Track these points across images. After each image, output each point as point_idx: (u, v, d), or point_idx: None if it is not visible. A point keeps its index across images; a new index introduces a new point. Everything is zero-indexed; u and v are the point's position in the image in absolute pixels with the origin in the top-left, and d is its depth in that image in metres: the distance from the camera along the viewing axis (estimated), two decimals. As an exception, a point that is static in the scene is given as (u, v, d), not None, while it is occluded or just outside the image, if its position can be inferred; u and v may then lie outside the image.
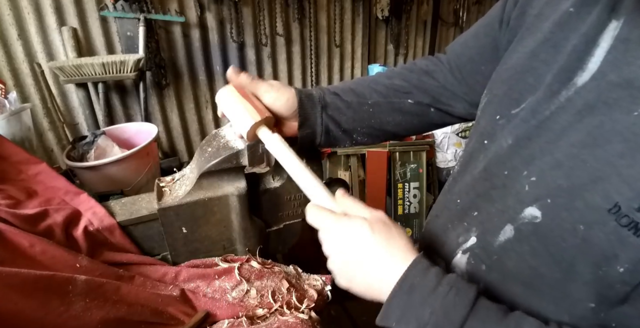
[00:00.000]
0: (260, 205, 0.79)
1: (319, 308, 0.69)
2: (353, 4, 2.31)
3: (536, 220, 0.37)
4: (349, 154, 2.41)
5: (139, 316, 0.57)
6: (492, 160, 0.45)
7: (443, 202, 0.56)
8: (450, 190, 0.55)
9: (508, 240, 0.41)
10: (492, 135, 0.46)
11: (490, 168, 0.45)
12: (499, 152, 0.44)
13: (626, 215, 0.29)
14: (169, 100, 1.94)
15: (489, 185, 0.45)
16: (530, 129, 0.40)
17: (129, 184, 1.15)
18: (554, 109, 0.38)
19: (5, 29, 1.47)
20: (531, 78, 0.41)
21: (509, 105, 0.44)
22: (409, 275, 0.38)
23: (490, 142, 0.46)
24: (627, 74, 0.32)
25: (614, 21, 0.34)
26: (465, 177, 0.51)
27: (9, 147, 0.79)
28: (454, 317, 0.35)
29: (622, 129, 0.31)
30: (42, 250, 0.57)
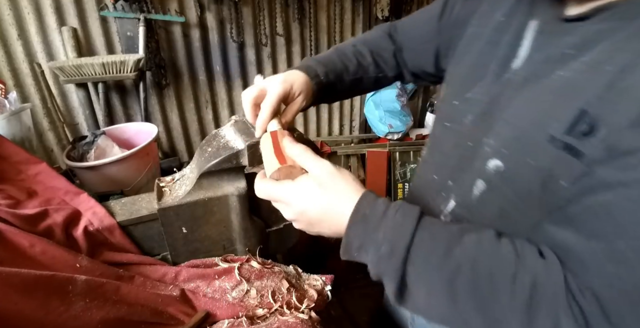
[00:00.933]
0: (260, 205, 0.79)
1: (319, 308, 0.69)
2: (353, 4, 2.31)
3: (500, 169, 0.48)
4: (349, 154, 2.41)
5: (139, 316, 0.57)
6: (457, 136, 0.57)
7: (419, 183, 0.68)
8: (424, 171, 0.66)
9: (482, 192, 0.51)
10: (453, 117, 0.59)
11: (457, 143, 0.57)
12: (461, 129, 0.56)
13: (559, 139, 0.40)
14: (169, 100, 1.94)
15: (458, 157, 0.56)
16: (484, 106, 0.53)
17: (129, 184, 1.15)
18: (499, 88, 0.51)
19: (5, 29, 1.47)
20: (480, 69, 0.55)
21: (464, 91, 0.57)
22: (360, 207, 0.43)
23: (452, 123, 0.59)
24: (546, 53, 0.47)
25: (532, 21, 0.50)
26: (435, 156, 0.63)
27: (9, 147, 0.79)
28: (404, 232, 0.41)
29: (546, 87, 0.45)
30: (42, 250, 0.57)
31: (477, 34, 0.59)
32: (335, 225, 0.45)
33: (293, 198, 0.47)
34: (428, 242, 0.41)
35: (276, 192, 0.49)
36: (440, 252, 0.41)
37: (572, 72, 0.42)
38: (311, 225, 0.48)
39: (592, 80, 0.40)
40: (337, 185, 0.46)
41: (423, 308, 0.44)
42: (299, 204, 0.46)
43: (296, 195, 0.46)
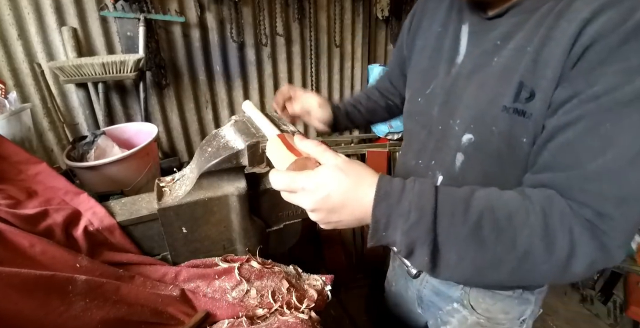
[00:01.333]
0: (260, 205, 0.79)
1: (319, 308, 0.69)
2: (353, 4, 2.31)
3: (472, 140, 0.61)
4: (349, 153, 2.41)
5: (139, 316, 0.57)
6: (428, 125, 0.70)
7: (404, 171, 0.79)
8: (406, 159, 0.79)
9: (462, 162, 0.63)
10: (421, 112, 0.73)
11: (429, 131, 0.70)
12: (430, 119, 0.70)
13: (510, 107, 0.54)
14: (169, 100, 1.94)
15: (434, 141, 0.69)
16: (443, 97, 0.66)
17: (129, 184, 1.15)
18: (451, 81, 0.65)
19: (5, 29, 1.47)
20: (432, 70, 0.71)
21: (424, 89, 0.72)
22: (381, 186, 0.46)
23: (421, 116, 0.73)
24: (482, 47, 0.61)
25: (463, 26, 0.66)
26: (413, 145, 0.76)
27: (9, 147, 0.79)
28: (428, 197, 0.45)
29: (489, 72, 0.58)
30: (42, 250, 0.57)
31: (423, 45, 0.76)
32: (358, 209, 0.46)
33: (315, 185, 0.46)
34: (449, 202, 0.45)
35: (297, 181, 0.48)
36: (461, 208, 0.45)
37: (504, 57, 0.56)
38: (332, 212, 0.47)
39: (520, 60, 0.53)
40: (356, 171, 0.47)
41: (455, 267, 0.46)
42: (322, 190, 0.46)
43: (318, 181, 0.47)
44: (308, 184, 0.47)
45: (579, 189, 0.46)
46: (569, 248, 0.44)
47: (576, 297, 2.22)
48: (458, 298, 0.79)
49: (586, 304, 2.14)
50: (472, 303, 0.77)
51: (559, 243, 0.44)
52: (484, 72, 0.59)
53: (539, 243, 0.44)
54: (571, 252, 0.44)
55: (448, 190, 0.47)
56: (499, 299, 0.75)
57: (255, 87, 2.17)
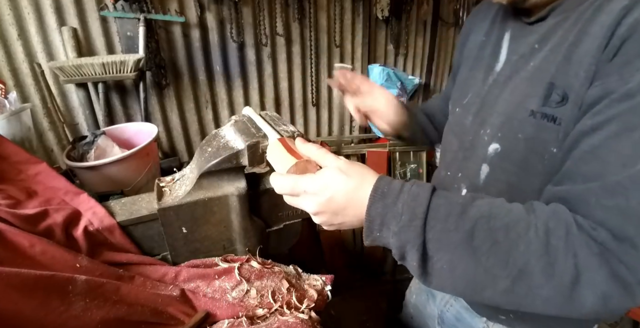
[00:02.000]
0: (260, 205, 0.79)
1: (319, 308, 0.69)
2: (353, 4, 2.31)
3: (498, 150, 0.57)
4: (349, 154, 2.41)
5: (139, 316, 0.57)
6: (460, 136, 0.68)
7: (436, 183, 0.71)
8: (438, 171, 0.78)
9: (487, 174, 0.60)
10: (456, 122, 0.71)
11: (461, 141, 0.68)
12: (463, 129, 0.67)
13: (538, 112, 0.49)
14: (169, 100, 1.94)
15: (463, 151, 0.66)
16: (477, 106, 0.64)
17: (129, 184, 1.15)
18: (487, 88, 0.62)
19: (5, 29, 1.46)
20: (471, 80, 0.68)
21: (461, 100, 0.70)
22: (379, 186, 0.45)
23: (456, 127, 0.71)
24: (520, 52, 0.57)
25: (506, 33, 0.63)
26: (446, 157, 0.74)
27: (9, 147, 0.79)
28: (421, 200, 0.43)
29: (522, 76, 0.55)
30: (42, 250, 0.57)
31: (467, 57, 0.73)
32: (360, 209, 0.45)
33: (318, 188, 0.46)
34: (443, 207, 0.43)
35: (300, 185, 0.48)
36: (455, 213, 0.42)
37: (539, 60, 0.52)
38: (335, 214, 0.47)
39: (553, 60, 0.49)
40: (357, 172, 0.47)
41: (447, 277, 0.43)
42: (325, 192, 0.46)
43: (322, 183, 0.46)
44: (311, 187, 0.47)
45: (596, 204, 0.39)
46: (572, 275, 0.38)
47: (576, 297, 2.22)
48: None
49: (586, 304, 2.14)
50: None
51: (560, 266, 0.38)
52: (518, 77, 0.55)
53: (536, 262, 0.39)
54: (575, 279, 0.38)
55: (446, 195, 0.44)
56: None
57: (255, 87, 2.16)
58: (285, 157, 0.54)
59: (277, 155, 0.58)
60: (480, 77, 0.65)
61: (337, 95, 2.52)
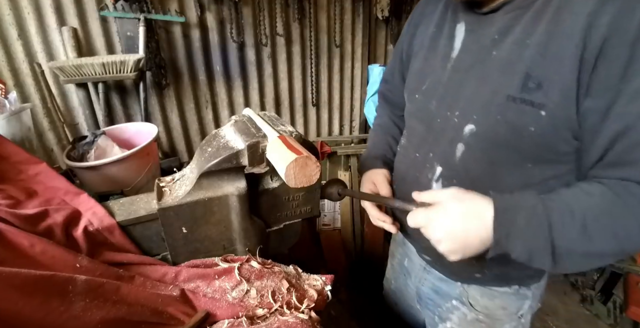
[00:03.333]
0: (260, 205, 0.79)
1: (319, 308, 0.69)
2: (353, 4, 2.31)
3: (473, 130, 0.63)
4: (349, 154, 2.41)
5: (139, 316, 0.57)
6: (427, 119, 0.73)
7: (403, 164, 0.83)
8: (406, 153, 0.83)
9: (463, 152, 0.66)
10: (420, 108, 0.76)
11: (427, 125, 0.73)
12: (429, 113, 0.72)
13: (517, 97, 0.56)
14: (169, 100, 1.94)
15: (433, 134, 0.72)
16: (441, 91, 0.70)
17: (129, 184, 1.15)
18: (448, 74, 0.69)
19: (5, 29, 1.47)
20: (427, 68, 0.75)
21: (419, 86, 0.76)
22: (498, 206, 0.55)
23: (421, 112, 0.76)
24: (479, 42, 0.64)
25: (459, 24, 0.69)
26: (413, 140, 0.80)
27: (9, 147, 0.79)
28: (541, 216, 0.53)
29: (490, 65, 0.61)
30: (42, 250, 0.57)
31: (419, 48, 0.79)
32: (482, 231, 0.55)
33: (443, 218, 0.57)
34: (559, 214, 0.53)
35: (427, 217, 0.59)
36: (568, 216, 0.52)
37: (505, 51, 0.59)
38: (458, 241, 0.57)
39: (523, 53, 0.56)
40: (471, 199, 0.58)
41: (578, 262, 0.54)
42: (448, 222, 0.57)
43: (445, 215, 0.57)
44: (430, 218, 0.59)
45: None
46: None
47: (576, 297, 2.22)
48: (457, 296, 0.82)
49: (586, 304, 2.14)
50: (470, 301, 0.80)
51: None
52: (483, 65, 0.62)
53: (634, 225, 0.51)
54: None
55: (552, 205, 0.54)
56: (496, 296, 0.78)
57: (255, 87, 2.17)
58: (286, 153, 0.54)
59: (278, 151, 0.58)
60: (438, 65, 0.71)
61: (337, 95, 2.52)
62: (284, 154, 0.56)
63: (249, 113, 0.80)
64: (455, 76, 0.67)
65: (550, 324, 2.05)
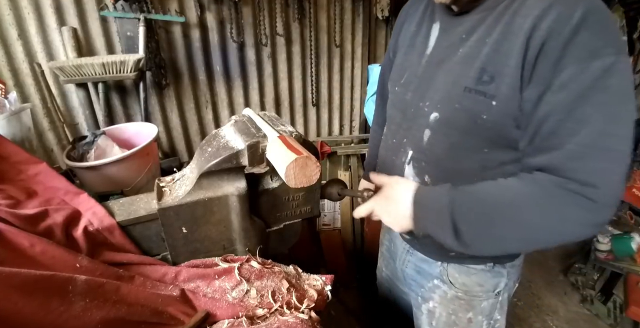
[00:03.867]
0: (260, 205, 0.79)
1: (319, 308, 0.69)
2: (353, 4, 2.31)
3: (437, 117, 0.72)
4: (349, 153, 2.41)
5: (139, 316, 0.57)
6: (403, 109, 0.82)
7: (385, 149, 0.91)
8: (386, 139, 0.91)
9: (429, 137, 0.74)
10: (398, 99, 0.84)
11: (403, 113, 0.82)
12: (405, 103, 0.81)
13: (472, 88, 0.64)
14: (169, 100, 1.94)
15: (407, 122, 0.80)
16: (416, 84, 0.78)
17: (129, 184, 1.15)
18: (422, 69, 0.77)
19: (5, 29, 1.46)
20: (406, 63, 0.83)
21: (398, 80, 0.84)
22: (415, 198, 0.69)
23: (399, 103, 0.84)
24: (450, 40, 0.71)
25: (434, 24, 0.77)
26: (392, 128, 0.87)
27: (9, 147, 0.79)
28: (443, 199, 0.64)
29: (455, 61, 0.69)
30: (42, 250, 0.57)
31: (402, 46, 0.87)
32: (404, 208, 0.69)
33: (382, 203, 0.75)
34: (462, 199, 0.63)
35: (373, 204, 0.75)
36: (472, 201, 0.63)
37: (468, 47, 0.67)
38: (390, 215, 0.72)
39: (481, 50, 0.64)
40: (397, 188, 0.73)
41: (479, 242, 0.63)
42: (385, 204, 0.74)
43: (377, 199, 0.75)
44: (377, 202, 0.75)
45: (564, 168, 0.56)
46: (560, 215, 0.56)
47: (576, 297, 2.22)
48: (438, 275, 0.87)
49: (586, 304, 2.14)
50: (450, 279, 0.85)
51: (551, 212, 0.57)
52: (451, 61, 0.70)
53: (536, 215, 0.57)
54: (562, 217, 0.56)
55: (459, 196, 0.63)
56: (473, 273, 0.84)
57: (255, 87, 2.16)
58: (286, 153, 0.55)
59: (278, 151, 0.58)
60: (415, 61, 0.79)
61: (337, 95, 2.52)
62: (284, 153, 0.56)
63: (249, 113, 0.80)
64: (428, 70, 0.75)
65: (550, 324, 2.05)
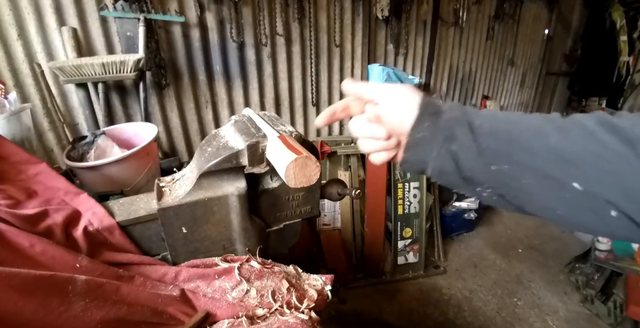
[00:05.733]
0: (260, 205, 0.79)
1: (319, 308, 0.69)
2: (353, 4, 2.31)
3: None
4: (349, 153, 2.41)
5: (139, 316, 0.57)
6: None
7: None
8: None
9: None
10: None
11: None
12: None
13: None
14: (169, 100, 1.94)
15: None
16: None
17: (129, 184, 1.15)
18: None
19: (5, 29, 1.46)
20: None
21: None
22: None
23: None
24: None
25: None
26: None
27: (9, 147, 0.79)
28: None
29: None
30: (42, 250, 0.57)
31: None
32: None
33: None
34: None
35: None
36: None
37: None
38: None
39: None
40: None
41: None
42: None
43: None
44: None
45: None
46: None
47: (576, 297, 2.22)
48: None
49: (586, 304, 2.14)
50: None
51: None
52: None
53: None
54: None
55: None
56: None
57: (255, 87, 2.16)
58: (286, 153, 0.55)
59: (278, 151, 0.58)
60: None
61: (337, 95, 2.52)
62: (283, 153, 0.56)
63: (249, 113, 0.80)
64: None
65: (551, 324, 2.05)
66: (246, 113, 0.81)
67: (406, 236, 2.41)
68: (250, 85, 2.16)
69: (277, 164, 0.58)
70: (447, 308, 2.18)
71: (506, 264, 2.59)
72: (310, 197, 0.84)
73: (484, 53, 3.21)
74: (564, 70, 4.14)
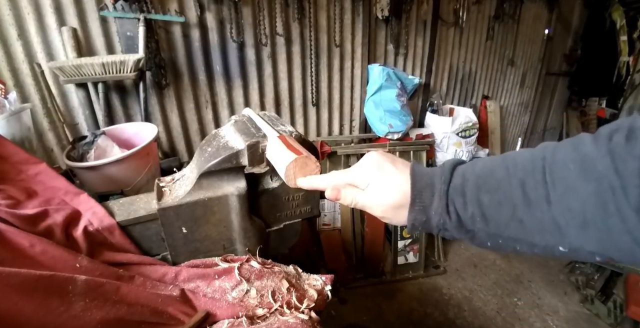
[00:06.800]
0: (260, 205, 0.79)
1: (319, 308, 0.69)
2: (353, 4, 2.31)
3: None
4: (349, 153, 2.41)
5: (139, 316, 0.57)
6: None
7: None
8: None
9: None
10: None
11: None
12: None
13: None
14: (169, 100, 1.94)
15: None
16: None
17: (129, 184, 1.15)
18: None
19: (5, 29, 1.46)
20: None
21: None
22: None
23: None
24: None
25: None
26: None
27: (9, 147, 0.79)
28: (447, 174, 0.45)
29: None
30: (42, 250, 0.57)
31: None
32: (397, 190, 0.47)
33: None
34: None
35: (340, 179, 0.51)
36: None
37: None
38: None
39: None
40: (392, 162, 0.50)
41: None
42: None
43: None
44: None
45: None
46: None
47: (576, 297, 2.22)
48: None
49: (586, 304, 2.14)
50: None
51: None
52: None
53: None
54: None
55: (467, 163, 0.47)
56: None
57: (255, 87, 2.16)
58: (286, 153, 0.55)
59: (278, 151, 0.58)
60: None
61: (337, 95, 2.52)
62: (283, 153, 0.56)
63: (249, 113, 0.80)
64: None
65: (551, 324, 2.05)
66: (246, 113, 0.81)
67: (406, 236, 2.41)
68: (250, 85, 2.16)
69: (277, 163, 0.59)
70: (447, 308, 2.18)
71: (506, 264, 2.59)
72: (310, 197, 0.84)
73: (484, 53, 3.21)
74: (564, 70, 4.14)
